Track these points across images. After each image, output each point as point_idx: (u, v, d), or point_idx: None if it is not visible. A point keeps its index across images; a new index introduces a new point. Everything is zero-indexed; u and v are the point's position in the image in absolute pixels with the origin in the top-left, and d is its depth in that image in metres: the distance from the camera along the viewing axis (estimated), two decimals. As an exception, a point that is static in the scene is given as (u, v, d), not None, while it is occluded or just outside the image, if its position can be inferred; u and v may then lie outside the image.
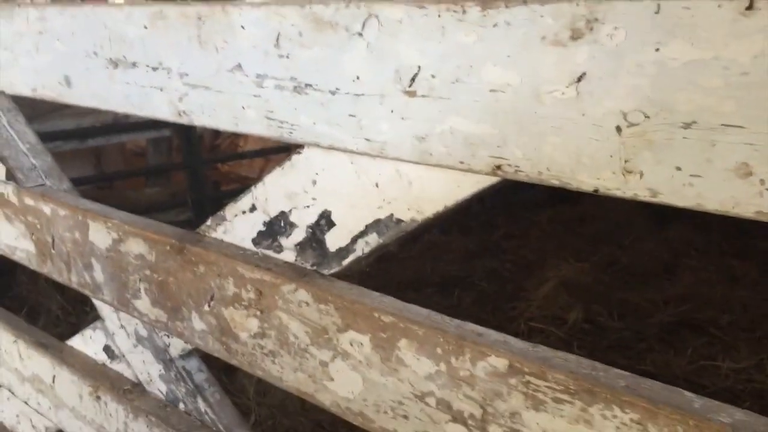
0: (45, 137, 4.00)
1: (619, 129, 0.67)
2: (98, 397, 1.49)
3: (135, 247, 1.27)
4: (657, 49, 0.63)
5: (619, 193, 0.69)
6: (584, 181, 0.71)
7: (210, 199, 4.68)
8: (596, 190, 0.71)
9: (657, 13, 0.62)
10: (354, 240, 1.01)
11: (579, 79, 0.69)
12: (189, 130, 4.58)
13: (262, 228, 1.12)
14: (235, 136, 6.34)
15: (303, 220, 1.06)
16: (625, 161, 0.68)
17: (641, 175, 0.67)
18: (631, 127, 0.67)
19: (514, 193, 5.28)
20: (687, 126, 0.63)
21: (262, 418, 3.11)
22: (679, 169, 0.65)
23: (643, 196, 0.68)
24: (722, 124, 0.61)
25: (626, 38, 0.65)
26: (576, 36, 0.68)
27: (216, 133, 6.43)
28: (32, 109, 4.33)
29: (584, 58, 0.68)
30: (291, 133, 0.98)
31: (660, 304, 3.74)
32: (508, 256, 4.44)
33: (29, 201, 1.50)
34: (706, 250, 4.33)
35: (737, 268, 4.06)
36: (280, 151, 5.04)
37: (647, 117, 0.65)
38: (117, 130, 4.39)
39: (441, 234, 4.93)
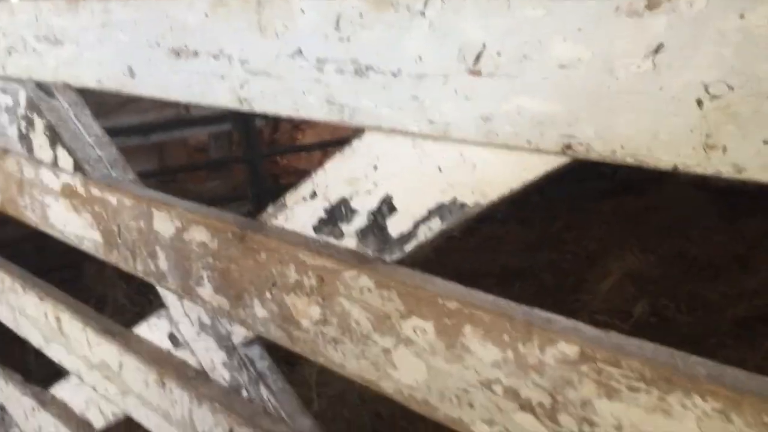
0: (110, 132, 4.12)
1: (700, 102, 0.64)
2: (163, 384, 1.51)
3: (198, 235, 1.28)
4: (742, 15, 0.59)
5: (700, 170, 0.65)
6: (662, 158, 0.68)
7: (269, 192, 4.74)
8: (675, 167, 0.67)
9: (743, -25, 0.58)
10: (416, 225, 0.99)
11: (656, 51, 0.65)
12: (248, 124, 4.63)
13: (323, 215, 1.12)
14: (294, 130, 6.39)
15: (364, 205, 1.05)
16: (707, 136, 0.64)
17: (724, 150, 0.63)
18: (713, 100, 0.63)
19: (575, 183, 5.17)
20: (776, 96, 0.59)
21: (323, 408, 3.13)
22: (767, 143, 0.61)
23: (727, 172, 0.64)
24: (816, 93, 0.57)
25: (707, 5, 0.61)
26: (653, 5, 0.64)
27: (275, 127, 6.49)
28: (98, 105, 4.46)
29: (662, 27, 0.64)
30: (352, 117, 0.96)
31: (733, 297, 3.61)
32: (569, 248, 4.36)
33: (96, 191, 1.53)
34: (780, 242, 4.16)
35: (814, 260, 3.89)
36: (338, 143, 5.06)
37: (731, 88, 0.61)
38: (179, 125, 4.48)
39: (500, 225, 4.88)
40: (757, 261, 3.93)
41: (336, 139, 5.26)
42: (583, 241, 4.48)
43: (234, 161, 5.16)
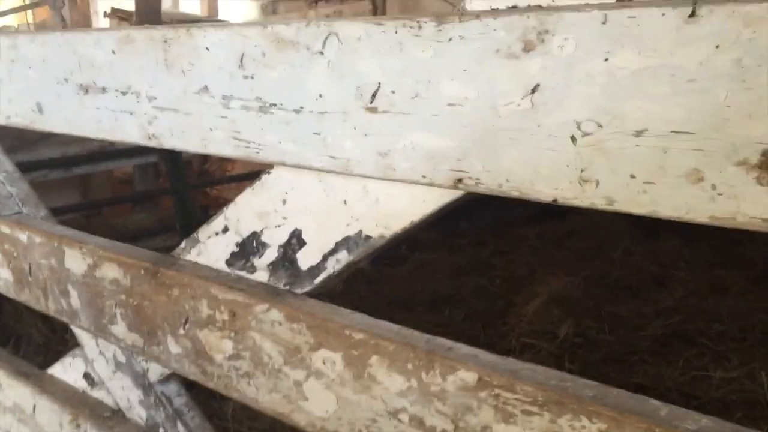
0: (31, 166, 4.01)
1: (573, 139, 0.68)
2: (78, 425, 1.47)
3: (110, 271, 1.27)
4: (606, 59, 0.64)
5: (576, 203, 0.69)
6: (543, 191, 0.71)
7: (198, 224, 4.66)
8: (555, 200, 0.71)
9: (604, 23, 0.63)
10: (325, 258, 1.00)
11: (533, 91, 0.69)
12: (175, 155, 4.57)
13: (235, 249, 1.12)
14: (224, 161, 6.34)
15: (274, 239, 1.06)
16: (582, 170, 0.68)
17: (597, 183, 0.67)
18: (585, 137, 0.67)
19: (503, 210, 5.30)
20: (639, 134, 0.64)
21: (253, 442, 3.08)
22: (633, 176, 0.65)
23: (600, 204, 0.68)
24: (672, 131, 0.62)
25: (576, 49, 0.65)
26: (528, 48, 0.69)
27: (204, 158, 6.43)
28: (18, 138, 4.33)
29: (537, 69, 0.68)
30: (258, 152, 0.98)
31: (651, 316, 3.74)
32: (497, 273, 4.44)
33: (5, 229, 1.49)
34: (695, 262, 4.34)
35: (726, 279, 4.07)
36: (268, 174, 5.04)
37: (600, 126, 0.66)
38: (102, 157, 4.39)
39: (430, 253, 4.94)
40: (673, 280, 4.09)
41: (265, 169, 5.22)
42: (510, 266, 4.57)
43: (160, 193, 5.08)
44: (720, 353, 3.48)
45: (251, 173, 5.47)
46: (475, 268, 4.56)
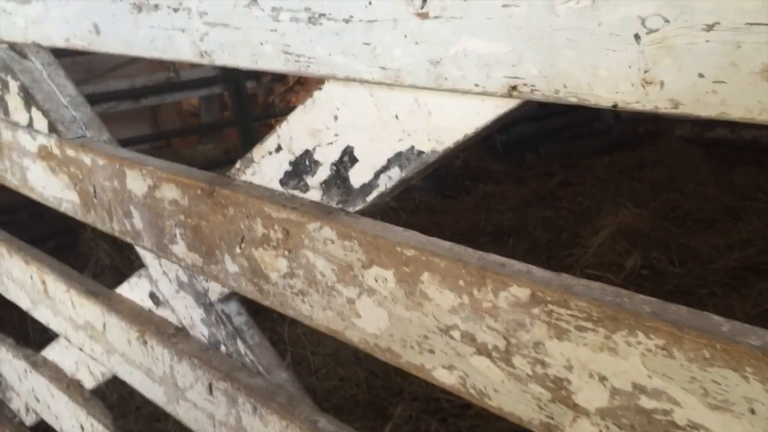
0: (100, 98, 4.10)
1: (637, 36, 0.63)
2: (145, 342, 1.53)
3: (168, 192, 1.28)
4: (675, -55, 0.58)
5: (638, 107, 0.65)
6: (602, 96, 0.67)
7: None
8: (615, 105, 0.66)
9: None
10: (377, 175, 0.98)
11: (594, -15, 0.64)
12: (239, 86, 4.60)
13: (288, 168, 1.11)
14: (287, 92, 6.35)
15: (327, 157, 1.04)
16: (645, 71, 0.63)
17: (662, 85, 0.63)
18: (650, 34, 0.62)
19: (571, 141, 5.16)
20: (709, 28, 0.58)
21: (317, 366, 3.16)
22: (701, 75, 0.60)
23: (664, 108, 0.63)
24: (747, 23, 0.56)
25: (642, -65, 0.60)
26: (589, -63, 0.63)
27: (269, 90, 6.45)
28: (88, 71, 4.43)
29: (599, -39, 0.63)
30: (308, 66, 0.96)
31: (723, 248, 3.61)
32: (563, 204, 4.35)
33: (71, 152, 1.53)
34: (774, 194, 4.14)
35: (806, 211, 3.88)
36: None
37: (667, 21, 0.61)
38: (168, 89, 4.45)
39: (495, 184, 4.87)
40: (748, 212, 3.92)
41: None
42: (577, 197, 4.47)
43: (225, 125, 5.14)
44: (796, 287, 3.34)
45: (315, 105, 5.48)
46: (540, 200, 4.48)
